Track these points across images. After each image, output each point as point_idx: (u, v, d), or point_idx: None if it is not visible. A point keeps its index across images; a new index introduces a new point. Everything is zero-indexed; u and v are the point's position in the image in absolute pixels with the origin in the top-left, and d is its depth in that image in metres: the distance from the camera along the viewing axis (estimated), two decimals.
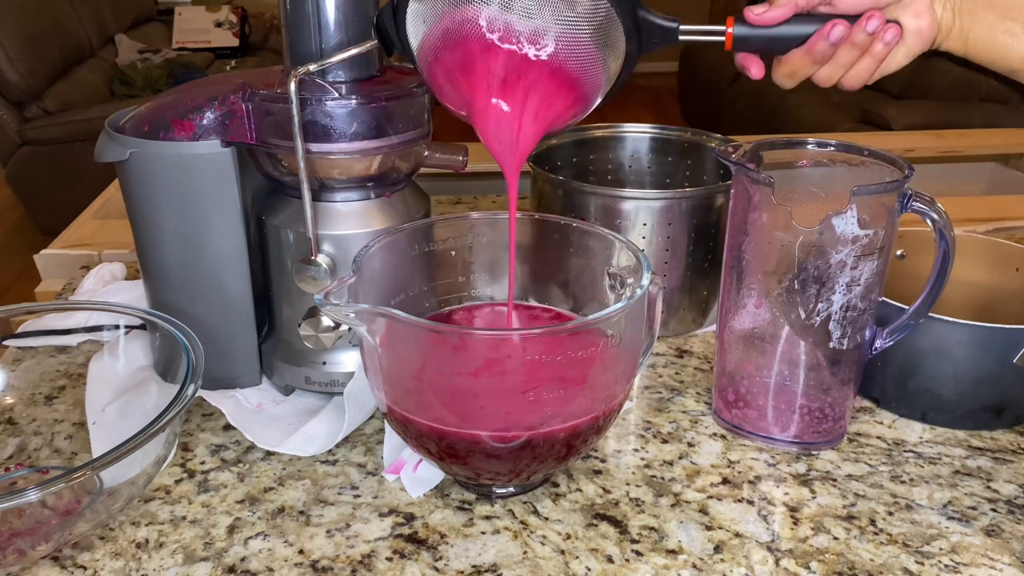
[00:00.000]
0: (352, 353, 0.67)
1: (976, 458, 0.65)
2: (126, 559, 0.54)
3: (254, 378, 0.70)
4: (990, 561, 0.55)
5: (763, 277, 0.62)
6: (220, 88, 0.62)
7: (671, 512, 0.59)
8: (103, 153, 0.63)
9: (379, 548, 0.55)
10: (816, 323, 0.61)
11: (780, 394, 0.64)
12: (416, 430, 0.54)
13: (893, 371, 0.68)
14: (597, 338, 0.53)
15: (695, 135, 0.88)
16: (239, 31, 3.73)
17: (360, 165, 0.62)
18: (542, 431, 0.52)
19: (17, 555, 0.51)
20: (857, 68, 0.57)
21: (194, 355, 0.57)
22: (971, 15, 0.56)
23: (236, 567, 0.53)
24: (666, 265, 0.78)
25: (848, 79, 0.57)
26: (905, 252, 0.77)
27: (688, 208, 0.76)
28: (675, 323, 0.81)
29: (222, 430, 0.67)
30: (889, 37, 0.55)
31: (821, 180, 0.57)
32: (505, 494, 0.59)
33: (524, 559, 0.54)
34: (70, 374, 0.74)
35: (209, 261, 0.65)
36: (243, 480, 0.61)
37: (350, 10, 0.60)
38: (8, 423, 0.67)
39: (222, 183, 0.63)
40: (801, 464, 0.64)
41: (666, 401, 0.72)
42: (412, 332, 0.52)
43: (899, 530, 0.57)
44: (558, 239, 0.65)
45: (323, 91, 0.60)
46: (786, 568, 0.54)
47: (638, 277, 0.56)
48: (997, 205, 1.19)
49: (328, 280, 0.62)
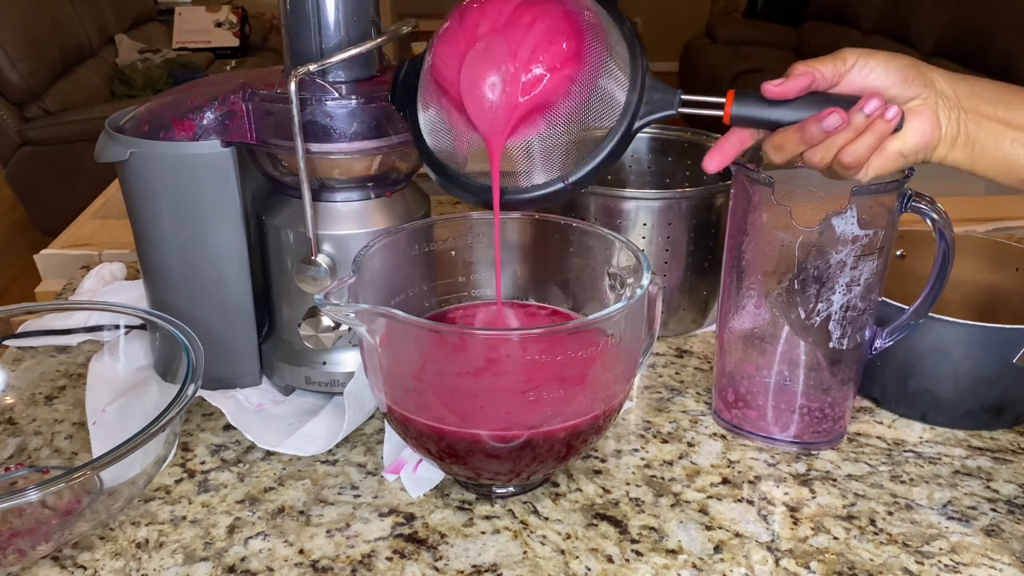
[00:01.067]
0: (352, 353, 0.67)
1: (976, 458, 0.65)
2: (126, 559, 0.54)
3: (254, 378, 0.70)
4: (990, 561, 0.55)
5: (763, 277, 0.62)
6: (220, 88, 0.62)
7: (671, 512, 0.59)
8: (103, 153, 0.63)
9: (379, 548, 0.55)
10: (816, 323, 0.61)
11: (780, 394, 0.64)
12: (416, 430, 0.54)
13: (893, 371, 0.68)
14: (597, 338, 0.53)
15: (695, 135, 0.88)
16: (239, 31, 3.73)
17: (360, 165, 0.62)
18: (542, 431, 0.52)
19: (17, 555, 0.51)
20: (855, 145, 0.51)
21: (194, 355, 0.57)
22: (976, 124, 0.52)
23: (236, 567, 0.53)
24: (666, 265, 0.78)
25: (844, 155, 0.51)
26: (905, 252, 0.77)
27: (688, 208, 0.76)
28: (675, 323, 0.81)
29: (222, 430, 0.67)
30: (891, 115, 0.50)
31: (821, 180, 0.57)
32: (505, 494, 0.59)
33: (524, 559, 0.54)
34: (70, 374, 0.74)
35: (209, 261, 0.65)
36: (243, 480, 0.61)
37: (350, 10, 0.60)
38: (8, 423, 0.67)
39: (222, 183, 0.63)
40: (801, 464, 0.64)
41: (666, 401, 0.72)
42: (412, 332, 0.52)
43: (899, 530, 0.57)
44: (558, 239, 0.65)
45: (323, 91, 0.60)
46: (786, 568, 0.54)
47: (638, 277, 0.56)
48: (997, 205, 1.19)
49: (328, 280, 0.62)
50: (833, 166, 0.52)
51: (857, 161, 0.51)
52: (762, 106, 0.53)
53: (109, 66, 3.28)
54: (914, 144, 0.52)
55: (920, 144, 0.52)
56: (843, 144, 0.51)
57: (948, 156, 0.53)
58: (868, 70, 0.51)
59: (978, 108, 0.52)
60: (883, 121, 0.50)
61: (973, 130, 0.52)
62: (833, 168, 0.52)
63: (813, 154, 0.52)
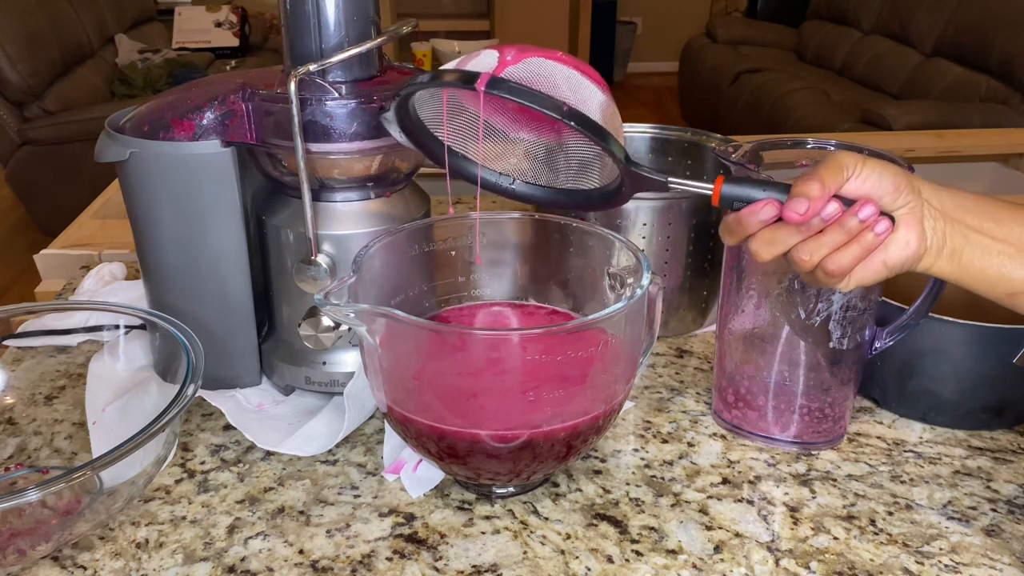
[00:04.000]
0: (352, 353, 0.67)
1: (976, 458, 0.65)
2: (126, 559, 0.54)
3: (254, 378, 0.70)
4: (990, 561, 0.55)
5: (763, 277, 0.62)
6: (220, 88, 0.62)
7: (671, 512, 0.59)
8: (103, 153, 0.63)
9: (379, 548, 0.55)
10: (816, 323, 0.61)
11: (780, 394, 0.64)
12: (416, 430, 0.54)
13: (893, 371, 0.68)
14: (597, 338, 0.53)
15: (695, 135, 0.88)
16: (239, 31, 3.73)
17: (360, 165, 0.62)
18: (542, 431, 0.52)
19: (17, 555, 0.51)
20: (842, 253, 0.51)
21: (194, 355, 0.57)
22: (963, 236, 0.51)
23: (236, 567, 0.53)
24: (666, 265, 0.78)
25: (829, 262, 0.51)
26: None
27: (688, 208, 0.76)
28: (675, 323, 0.81)
29: (222, 430, 0.67)
30: (880, 228, 0.50)
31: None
32: (505, 494, 0.59)
33: (524, 559, 0.54)
34: (70, 374, 0.74)
35: (209, 261, 0.65)
36: (243, 480, 0.61)
37: (350, 10, 0.60)
38: (8, 423, 0.67)
39: (222, 183, 0.63)
40: (801, 464, 0.64)
41: (666, 401, 0.72)
42: (412, 332, 0.52)
43: (899, 530, 0.57)
44: (558, 239, 0.65)
45: (323, 91, 0.60)
46: (786, 568, 0.54)
47: (638, 277, 0.56)
48: None
49: (328, 280, 0.62)
50: (816, 272, 0.52)
51: (840, 270, 0.51)
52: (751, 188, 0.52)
53: (109, 66, 3.28)
54: (898, 256, 0.51)
55: (905, 256, 0.51)
56: (830, 250, 0.51)
57: (934, 266, 0.52)
58: (863, 179, 0.50)
59: (964, 220, 0.52)
60: (872, 234, 0.50)
61: (959, 242, 0.51)
62: (816, 274, 0.52)
63: (802, 250, 0.51)
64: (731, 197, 0.52)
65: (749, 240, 0.53)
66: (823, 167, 0.51)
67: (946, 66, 2.84)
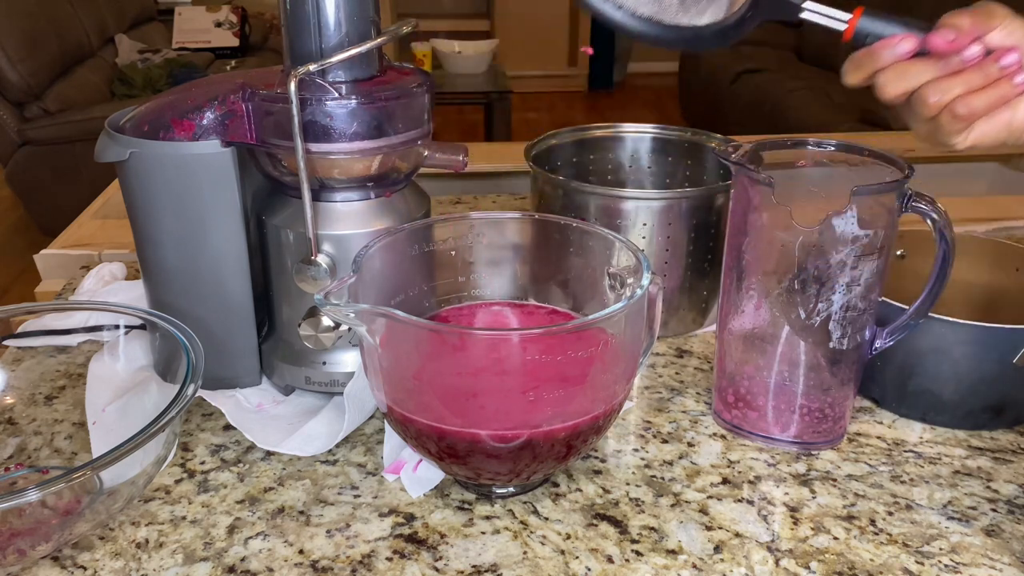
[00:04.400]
0: (352, 353, 0.67)
1: (976, 458, 0.65)
2: (126, 559, 0.54)
3: (254, 378, 0.70)
4: (990, 561, 0.55)
5: (763, 277, 0.62)
6: (220, 88, 0.62)
7: (671, 512, 0.59)
8: (103, 153, 0.63)
9: (379, 548, 0.55)
10: (816, 323, 0.61)
11: (780, 394, 0.64)
12: (416, 430, 0.54)
13: (893, 371, 0.68)
14: (597, 338, 0.53)
15: (695, 135, 0.88)
16: (239, 31, 3.73)
17: (360, 165, 0.62)
18: (542, 431, 0.52)
19: (17, 555, 0.51)
20: (976, 96, 0.49)
21: (194, 355, 0.57)
22: None
23: (236, 567, 0.53)
24: (666, 265, 0.78)
25: (960, 104, 0.49)
26: (905, 252, 0.77)
27: (688, 208, 0.76)
28: (675, 323, 0.81)
29: (222, 430, 0.67)
30: (1021, 79, 0.48)
31: (821, 180, 0.57)
32: (505, 494, 0.59)
33: (524, 559, 0.54)
34: (70, 374, 0.74)
35: (209, 261, 0.65)
36: (243, 480, 0.61)
37: (350, 10, 0.60)
38: (8, 423, 0.67)
39: (222, 183, 0.63)
40: (801, 464, 0.64)
41: (666, 401, 0.72)
42: (412, 332, 0.52)
43: (899, 530, 0.57)
44: (558, 239, 0.65)
45: (323, 91, 0.60)
46: (786, 568, 0.54)
47: (638, 277, 0.56)
48: (997, 205, 1.19)
49: (328, 280, 0.62)
50: (942, 117, 0.50)
51: (971, 114, 0.49)
52: (890, 23, 0.50)
53: (109, 66, 3.28)
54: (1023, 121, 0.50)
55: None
56: (964, 91, 0.49)
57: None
58: (1008, 31, 0.49)
59: None
60: (1010, 84, 0.49)
61: None
62: (940, 119, 0.50)
63: (934, 88, 0.49)
64: (866, 32, 0.51)
65: (877, 75, 0.51)
66: (972, 11, 0.49)
67: None
